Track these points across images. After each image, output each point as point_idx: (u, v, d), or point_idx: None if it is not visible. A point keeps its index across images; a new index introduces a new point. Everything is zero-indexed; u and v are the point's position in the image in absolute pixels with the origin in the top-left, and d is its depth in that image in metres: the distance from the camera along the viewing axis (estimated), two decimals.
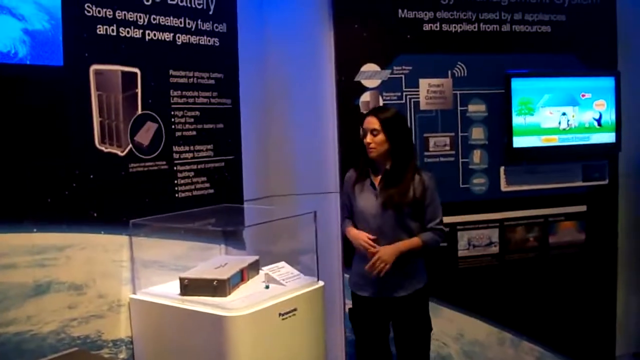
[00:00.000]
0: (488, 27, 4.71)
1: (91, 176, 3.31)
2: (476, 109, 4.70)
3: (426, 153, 4.61)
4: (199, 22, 3.86)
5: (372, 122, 3.54)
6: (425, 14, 4.58)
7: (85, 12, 3.27)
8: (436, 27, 4.61)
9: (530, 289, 4.87)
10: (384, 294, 3.64)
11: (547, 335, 4.92)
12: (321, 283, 3.62)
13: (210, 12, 3.92)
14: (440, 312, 4.67)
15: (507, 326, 4.84)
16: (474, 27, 4.68)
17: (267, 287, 3.47)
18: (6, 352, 2.94)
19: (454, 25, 4.64)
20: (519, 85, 4.65)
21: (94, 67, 3.31)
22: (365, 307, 3.72)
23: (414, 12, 4.56)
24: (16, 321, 2.99)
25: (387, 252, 3.49)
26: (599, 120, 4.86)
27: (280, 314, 3.30)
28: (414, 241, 3.57)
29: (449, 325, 4.71)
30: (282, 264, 3.65)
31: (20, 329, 3.00)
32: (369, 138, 3.54)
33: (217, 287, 3.30)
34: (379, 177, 3.62)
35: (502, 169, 4.78)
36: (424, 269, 3.74)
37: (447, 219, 4.53)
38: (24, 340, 3.02)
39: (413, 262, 3.62)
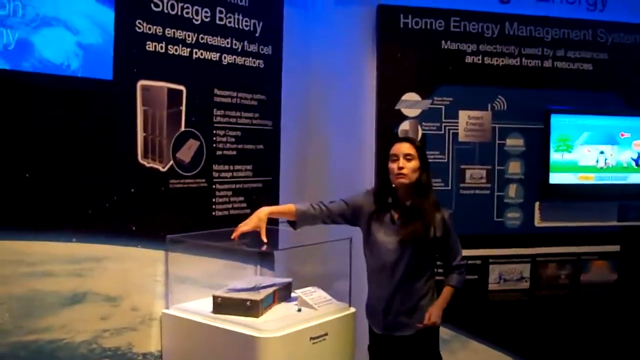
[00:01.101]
0: (530, 62, 4.73)
1: (132, 190, 3.36)
2: (514, 143, 4.70)
3: (462, 185, 4.62)
4: (245, 43, 3.91)
5: (407, 148, 3.36)
6: (468, 46, 4.61)
7: (137, 28, 3.34)
8: (478, 59, 4.63)
9: (559, 327, 4.82)
10: (390, 332, 3.45)
11: None
12: (353, 309, 3.61)
13: (257, 35, 3.97)
14: (468, 344, 4.65)
15: None
16: (516, 62, 4.70)
17: (299, 310, 3.48)
18: (40, 359, 2.98)
19: (496, 58, 4.66)
20: (558, 122, 4.65)
21: (141, 83, 3.38)
22: (377, 342, 3.54)
23: (457, 44, 4.59)
24: (51, 329, 3.03)
25: (437, 315, 3.36)
26: (637, 161, 4.84)
27: (311, 338, 3.30)
28: (449, 291, 3.45)
29: (475, 358, 4.68)
30: (315, 288, 3.65)
31: (54, 337, 3.05)
32: (401, 162, 3.33)
33: (249, 308, 3.31)
34: (398, 211, 3.42)
35: (537, 204, 4.77)
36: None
37: (479, 252, 4.57)
38: (58, 348, 3.06)
39: (419, 301, 3.42)
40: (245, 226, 3.37)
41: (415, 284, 3.40)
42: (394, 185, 3.41)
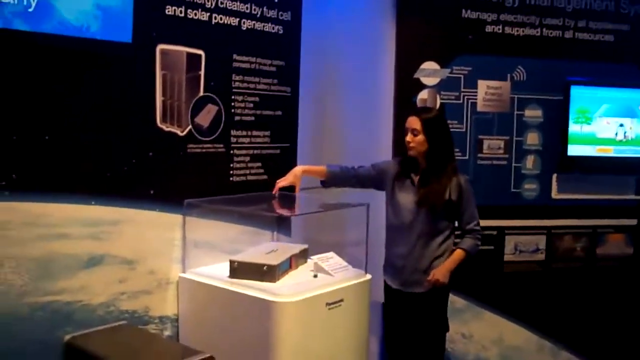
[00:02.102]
0: (551, 33, 4.67)
1: (150, 154, 3.37)
2: (533, 114, 4.67)
3: (480, 155, 4.60)
4: (265, 9, 3.89)
5: (414, 122, 3.54)
6: (489, 16, 4.56)
7: None
8: (499, 29, 4.58)
9: (573, 299, 4.81)
10: (404, 288, 3.65)
11: (588, 347, 4.85)
12: (369, 276, 3.62)
13: (276, 0, 3.95)
14: (482, 314, 4.65)
15: (547, 334, 4.79)
16: (537, 32, 4.64)
17: (315, 276, 3.49)
18: (57, 320, 3.02)
19: (516, 28, 4.61)
20: (578, 93, 4.61)
21: (160, 47, 3.37)
22: (391, 297, 3.75)
23: (477, 13, 4.54)
24: (68, 290, 3.06)
25: (442, 274, 3.54)
26: None
27: (327, 304, 3.32)
28: (459, 254, 3.60)
29: (489, 329, 4.68)
30: (331, 254, 3.66)
31: (71, 299, 3.08)
32: (409, 137, 3.55)
33: (266, 272, 3.33)
34: (418, 176, 3.61)
35: (554, 176, 4.74)
36: None
37: (495, 222, 4.54)
38: (75, 309, 3.09)
39: (433, 261, 3.59)
40: (283, 181, 3.67)
41: (431, 244, 3.60)
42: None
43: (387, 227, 3.73)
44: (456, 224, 3.67)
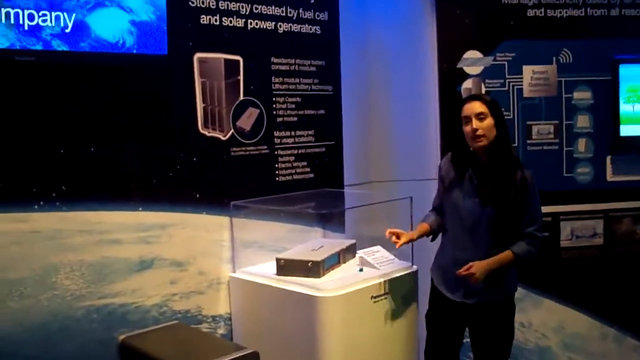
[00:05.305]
0: (595, 12, 4.57)
1: (194, 159, 3.48)
2: (582, 96, 4.58)
3: (529, 141, 4.54)
4: (301, 10, 3.96)
5: (477, 106, 3.13)
6: (530, 0, 4.50)
7: (190, 3, 3.44)
8: (541, 12, 4.51)
9: (636, 284, 4.68)
10: (465, 298, 3.29)
11: None
12: (415, 268, 3.63)
13: (312, 1, 4.01)
14: (541, 303, 4.60)
15: (610, 321, 4.69)
16: (581, 12, 4.55)
17: (360, 270, 3.53)
18: (112, 321, 3.17)
19: (559, 10, 4.53)
20: (627, 72, 4.50)
21: (197, 55, 3.47)
22: (441, 305, 3.41)
23: None
24: (122, 293, 3.21)
25: (477, 268, 3.10)
26: None
27: (372, 297, 3.36)
28: (506, 255, 3.18)
29: (549, 317, 4.62)
30: (378, 248, 3.70)
31: (125, 301, 3.22)
32: (475, 124, 3.10)
33: (311, 269, 3.39)
34: (478, 170, 3.24)
35: (608, 158, 4.63)
36: (515, 275, 3.35)
37: (550, 209, 4.47)
38: (129, 311, 3.24)
39: (504, 268, 3.21)
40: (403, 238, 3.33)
41: (498, 248, 3.20)
42: (472, 149, 3.25)
43: (446, 231, 3.42)
44: None
